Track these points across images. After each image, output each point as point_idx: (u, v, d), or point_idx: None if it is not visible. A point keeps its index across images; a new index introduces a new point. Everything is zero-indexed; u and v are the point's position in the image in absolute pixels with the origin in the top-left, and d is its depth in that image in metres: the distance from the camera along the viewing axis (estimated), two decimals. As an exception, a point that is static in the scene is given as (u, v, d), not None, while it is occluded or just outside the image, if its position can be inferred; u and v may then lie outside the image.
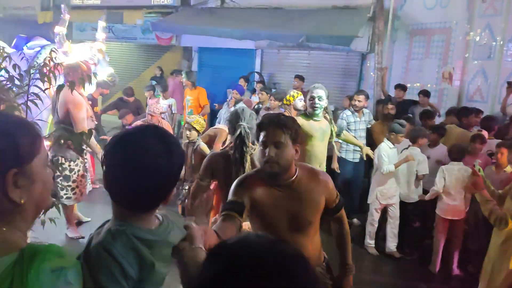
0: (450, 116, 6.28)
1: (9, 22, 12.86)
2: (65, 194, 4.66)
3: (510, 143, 4.39)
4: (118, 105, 7.83)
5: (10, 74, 2.78)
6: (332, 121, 4.33)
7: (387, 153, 4.80)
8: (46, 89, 2.98)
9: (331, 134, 4.28)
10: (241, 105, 6.25)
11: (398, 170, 4.82)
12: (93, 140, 4.73)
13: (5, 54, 3.13)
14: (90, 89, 6.29)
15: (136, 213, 1.20)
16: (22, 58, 5.78)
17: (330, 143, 4.45)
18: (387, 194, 4.89)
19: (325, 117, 4.24)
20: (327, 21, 8.54)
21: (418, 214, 5.25)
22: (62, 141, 4.35)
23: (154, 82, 9.17)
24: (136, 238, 1.15)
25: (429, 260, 4.72)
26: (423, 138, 5.02)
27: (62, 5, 6.62)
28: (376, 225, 5.05)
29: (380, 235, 5.17)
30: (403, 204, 5.01)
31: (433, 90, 7.60)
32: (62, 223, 4.55)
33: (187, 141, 4.63)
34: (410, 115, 6.46)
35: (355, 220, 5.79)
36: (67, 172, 4.62)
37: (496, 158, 4.43)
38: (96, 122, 5.89)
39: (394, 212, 4.92)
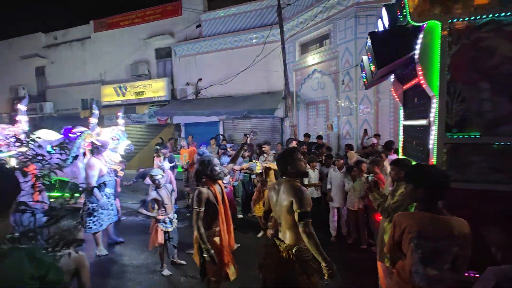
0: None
1: (60, 118, 12.54)
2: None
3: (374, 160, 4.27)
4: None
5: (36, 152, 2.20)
6: None
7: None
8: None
9: None
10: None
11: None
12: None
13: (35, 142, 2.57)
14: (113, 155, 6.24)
15: None
16: (67, 140, 5.75)
17: None
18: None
19: None
20: (259, 101, 8.93)
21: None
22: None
23: (158, 147, 9.04)
24: None
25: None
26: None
27: (93, 105, 6.67)
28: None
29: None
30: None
31: (324, 135, 8.11)
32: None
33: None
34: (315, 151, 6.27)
35: None
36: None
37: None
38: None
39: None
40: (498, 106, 2.29)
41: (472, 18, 2.26)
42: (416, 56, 2.43)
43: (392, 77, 3.85)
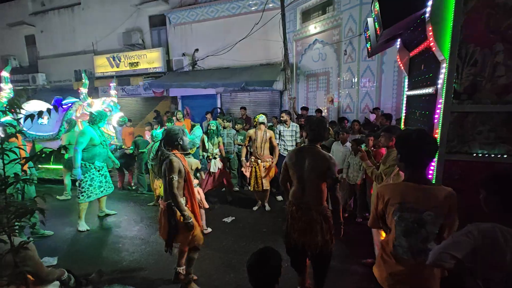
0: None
1: (54, 90, 12.17)
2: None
3: (372, 134, 4.31)
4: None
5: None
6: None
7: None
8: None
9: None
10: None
11: None
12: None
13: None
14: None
15: None
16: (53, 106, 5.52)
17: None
18: None
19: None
20: (257, 73, 8.60)
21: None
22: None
23: (154, 120, 8.72)
24: None
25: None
26: None
27: (83, 74, 6.42)
28: None
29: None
30: None
31: (324, 109, 7.89)
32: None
33: None
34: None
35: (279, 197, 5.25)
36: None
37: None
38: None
39: None
40: (512, 71, 2.09)
41: (494, -33, 1.98)
42: (427, 15, 2.18)
43: (398, 44, 3.59)
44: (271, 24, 8.34)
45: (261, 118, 4.72)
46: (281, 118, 5.19)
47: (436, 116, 2.28)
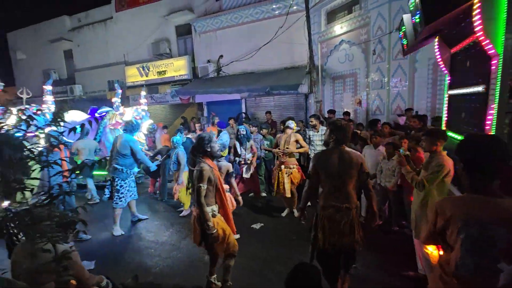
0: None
1: (89, 100, 12.90)
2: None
3: (407, 136, 4.22)
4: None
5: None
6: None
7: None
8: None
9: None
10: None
11: None
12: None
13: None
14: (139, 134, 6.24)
15: None
16: (94, 118, 5.82)
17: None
18: None
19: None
20: (282, 77, 8.50)
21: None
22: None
23: (181, 127, 8.95)
24: None
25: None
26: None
27: (116, 85, 6.72)
28: None
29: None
30: None
31: (351, 111, 7.63)
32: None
33: None
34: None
35: None
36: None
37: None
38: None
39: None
40: None
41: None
42: (476, 6, 1.99)
43: (436, 41, 3.35)
44: (295, 27, 8.24)
45: (289, 123, 4.63)
46: (310, 123, 5.06)
47: (489, 117, 2.07)
